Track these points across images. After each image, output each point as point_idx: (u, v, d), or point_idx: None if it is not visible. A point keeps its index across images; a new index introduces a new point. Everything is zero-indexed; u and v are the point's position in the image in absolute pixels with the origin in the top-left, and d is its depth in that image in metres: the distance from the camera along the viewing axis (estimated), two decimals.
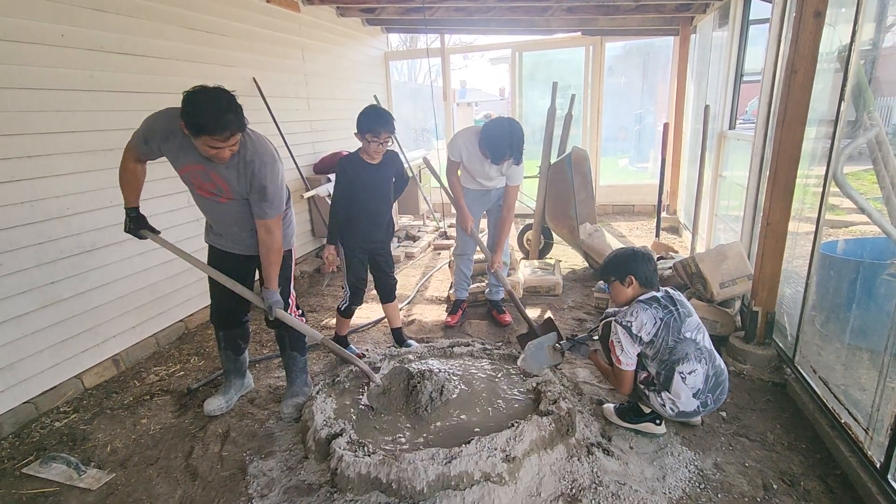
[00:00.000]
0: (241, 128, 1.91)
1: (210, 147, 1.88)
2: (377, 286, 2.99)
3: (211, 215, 2.27)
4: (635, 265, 2.19)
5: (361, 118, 2.58)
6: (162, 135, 2.02)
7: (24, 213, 2.49)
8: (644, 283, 2.19)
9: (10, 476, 2.16)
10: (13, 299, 2.46)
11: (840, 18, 2.45)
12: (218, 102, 1.83)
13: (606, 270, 2.28)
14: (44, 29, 2.55)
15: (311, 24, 5.02)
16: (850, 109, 2.22)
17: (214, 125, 1.81)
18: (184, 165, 2.06)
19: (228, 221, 2.23)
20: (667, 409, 2.13)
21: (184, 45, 3.44)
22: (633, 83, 7.51)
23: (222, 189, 2.10)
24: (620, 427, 2.27)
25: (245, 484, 2.04)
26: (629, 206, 6.96)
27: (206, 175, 2.06)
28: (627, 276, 2.19)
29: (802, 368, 2.41)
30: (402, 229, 5.85)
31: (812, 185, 2.65)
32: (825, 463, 2.01)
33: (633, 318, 2.10)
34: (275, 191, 2.10)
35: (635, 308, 2.12)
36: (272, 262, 2.21)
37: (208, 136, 1.83)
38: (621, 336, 2.12)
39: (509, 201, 3.15)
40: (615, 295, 2.27)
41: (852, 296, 2.54)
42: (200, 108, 1.81)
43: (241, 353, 2.61)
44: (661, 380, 2.13)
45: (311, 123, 5.01)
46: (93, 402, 2.73)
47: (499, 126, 2.81)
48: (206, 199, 2.17)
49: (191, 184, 2.14)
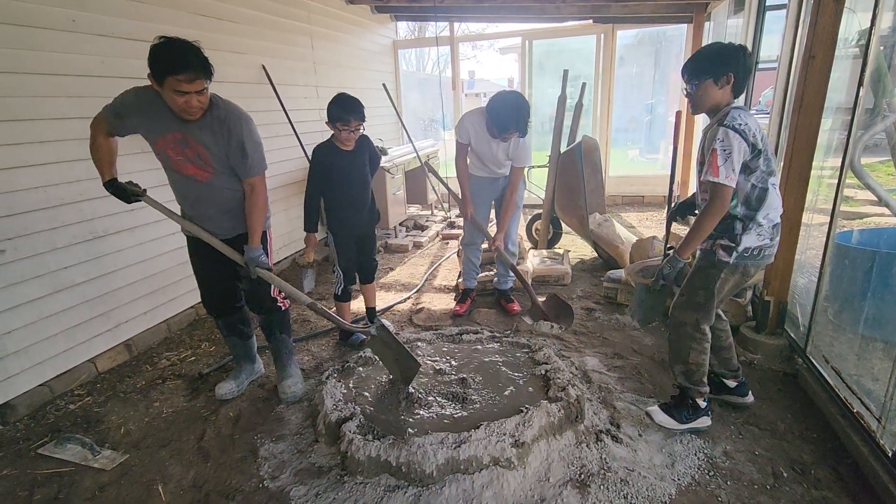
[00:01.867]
0: (207, 73, 1.93)
1: (177, 93, 1.89)
2: (359, 268, 3.05)
3: (188, 198, 2.23)
4: (737, 62, 1.84)
5: (331, 107, 2.60)
6: (136, 106, 2.02)
7: (38, 198, 2.51)
8: (739, 86, 1.87)
9: (25, 456, 2.20)
10: (28, 283, 2.49)
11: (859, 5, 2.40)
12: (180, 44, 1.87)
13: (699, 65, 1.90)
14: (55, 14, 2.55)
15: (320, 12, 4.99)
16: (868, 96, 2.18)
17: (178, 62, 1.84)
18: (161, 136, 2.05)
19: (207, 202, 2.21)
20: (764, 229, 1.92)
21: (194, 32, 3.43)
22: (645, 72, 7.40)
23: (201, 156, 2.09)
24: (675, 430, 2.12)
25: (256, 466, 2.07)
26: (639, 196, 6.90)
27: (185, 142, 2.06)
28: (726, 74, 1.85)
29: (814, 358, 2.39)
30: (410, 219, 5.84)
31: (826, 177, 2.61)
32: (836, 452, 2.00)
33: (743, 120, 1.79)
34: (253, 146, 2.12)
35: (737, 112, 1.83)
36: (255, 219, 2.21)
37: (173, 76, 1.85)
38: (733, 141, 1.77)
39: (514, 180, 3.14)
40: (699, 97, 1.92)
41: (867, 286, 2.51)
42: (163, 49, 1.86)
43: (248, 338, 2.62)
44: (755, 198, 1.90)
45: (320, 112, 4.96)
46: (106, 385, 2.77)
47: (503, 97, 2.81)
48: (184, 178, 2.14)
49: (168, 159, 2.11)
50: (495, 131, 2.86)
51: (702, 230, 1.90)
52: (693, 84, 1.92)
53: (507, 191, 3.18)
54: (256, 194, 2.20)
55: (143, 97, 2.01)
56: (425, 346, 2.79)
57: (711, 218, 1.87)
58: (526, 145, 3.02)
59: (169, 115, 2.01)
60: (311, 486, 1.90)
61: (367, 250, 3.02)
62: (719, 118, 1.86)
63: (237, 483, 1.99)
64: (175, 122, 2.02)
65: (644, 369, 2.66)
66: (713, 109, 1.93)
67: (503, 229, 3.21)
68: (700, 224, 1.90)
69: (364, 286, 3.17)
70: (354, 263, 2.99)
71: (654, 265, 3.31)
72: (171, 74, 1.85)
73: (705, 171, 1.84)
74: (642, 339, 3.00)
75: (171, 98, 1.91)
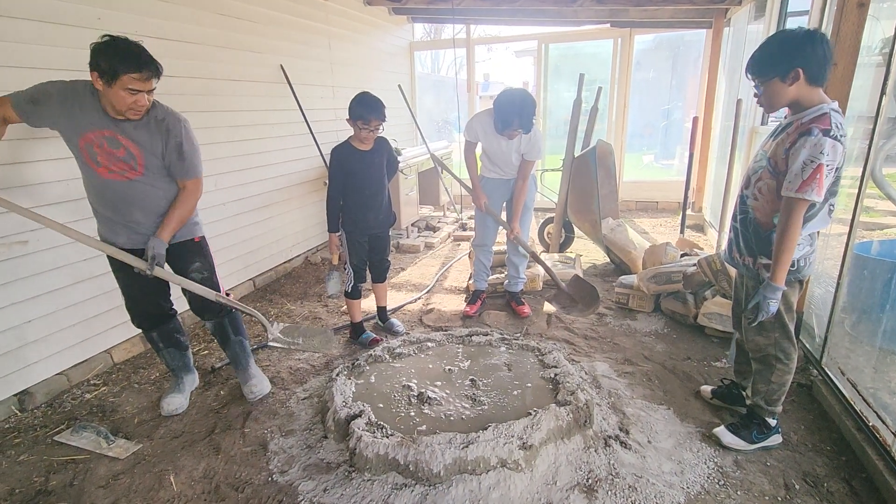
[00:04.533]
0: (158, 72, 1.93)
1: (129, 91, 1.87)
2: (371, 267, 3.08)
3: (109, 201, 2.09)
4: (803, 54, 1.62)
5: (353, 105, 2.64)
6: (59, 97, 1.94)
7: (60, 191, 2.56)
8: (814, 77, 1.64)
9: (42, 443, 2.25)
10: (48, 274, 2.55)
11: (884, 13, 2.36)
12: (133, 44, 1.87)
13: (762, 63, 1.71)
14: (81, 11, 2.61)
15: (338, 13, 5.04)
16: (891, 105, 2.14)
17: (136, 60, 1.84)
18: (87, 131, 1.96)
19: (131, 205, 2.09)
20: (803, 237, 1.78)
21: (215, 31, 3.49)
22: (662, 78, 7.36)
23: (133, 155, 2.03)
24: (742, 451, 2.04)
25: (266, 460, 2.09)
26: (653, 202, 6.85)
27: (115, 141, 1.99)
28: (794, 70, 1.64)
29: (830, 370, 2.36)
30: (422, 220, 5.86)
31: (846, 186, 2.57)
32: (850, 465, 1.97)
33: (843, 129, 1.59)
34: (190, 149, 2.11)
35: (839, 119, 1.61)
36: (176, 215, 2.14)
37: (129, 74, 1.83)
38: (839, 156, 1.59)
39: (524, 173, 3.14)
40: (769, 97, 1.73)
41: (886, 297, 2.47)
42: (118, 47, 1.84)
43: (185, 348, 2.55)
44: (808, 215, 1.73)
45: (336, 112, 5.04)
46: (121, 376, 2.82)
47: (509, 93, 2.85)
48: (106, 178, 2.03)
49: (91, 157, 1.99)
50: (499, 125, 2.88)
51: (790, 249, 1.72)
52: (758, 85, 1.75)
53: (518, 180, 3.19)
54: (187, 194, 2.16)
55: (69, 90, 1.95)
56: (435, 346, 2.80)
57: (796, 233, 1.70)
58: (535, 140, 3.03)
59: (97, 112, 1.96)
60: (319, 482, 1.92)
61: (379, 250, 3.04)
62: (817, 122, 1.63)
63: (247, 476, 2.01)
64: (104, 120, 1.97)
65: (655, 376, 2.64)
66: (795, 106, 1.73)
67: (517, 217, 3.22)
68: (788, 244, 1.71)
69: (376, 285, 3.20)
70: (365, 262, 3.02)
71: (666, 271, 3.29)
72: (127, 73, 1.83)
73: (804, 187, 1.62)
74: (654, 345, 2.98)
75: (119, 96, 1.87)
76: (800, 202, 1.65)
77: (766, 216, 1.84)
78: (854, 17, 2.24)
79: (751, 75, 1.78)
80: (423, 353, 2.73)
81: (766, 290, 1.79)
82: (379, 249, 3.04)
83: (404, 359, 2.66)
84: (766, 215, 1.84)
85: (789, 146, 1.69)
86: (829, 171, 1.62)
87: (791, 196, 1.67)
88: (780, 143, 1.74)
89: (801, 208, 1.66)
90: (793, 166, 1.66)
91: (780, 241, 1.73)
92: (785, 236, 1.71)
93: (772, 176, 1.78)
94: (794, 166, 1.66)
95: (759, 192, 1.84)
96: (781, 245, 1.73)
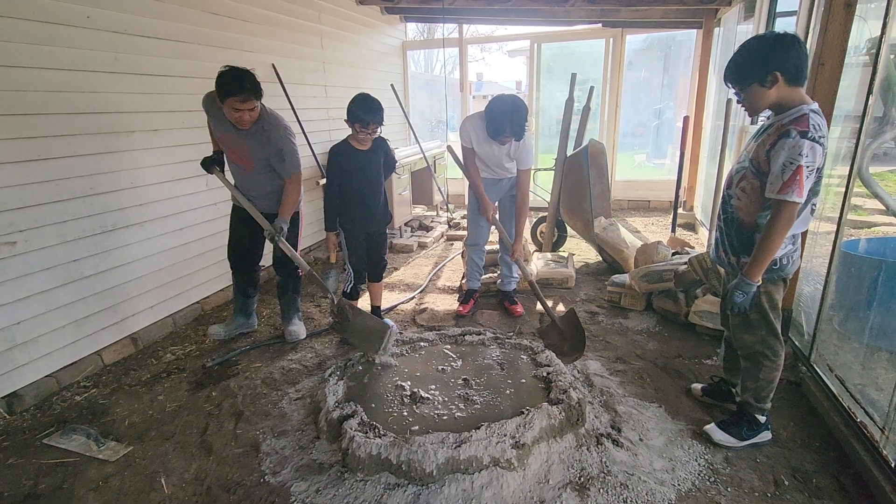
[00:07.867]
0: (258, 95, 2.49)
1: (233, 109, 2.46)
2: (368, 266, 3.08)
3: (238, 179, 2.85)
4: (777, 58, 1.66)
5: (352, 107, 2.65)
6: (207, 107, 2.71)
7: (49, 191, 2.54)
8: (793, 78, 1.67)
9: (31, 446, 2.23)
10: (37, 275, 2.52)
11: (870, 13, 2.39)
12: (238, 72, 2.45)
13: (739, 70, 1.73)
14: (70, 10, 2.59)
15: (330, 12, 5.03)
16: (878, 105, 2.17)
17: (235, 88, 2.42)
18: (222, 133, 2.68)
19: (248, 185, 2.82)
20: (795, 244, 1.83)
21: (206, 30, 3.47)
22: (653, 77, 7.39)
23: (246, 156, 2.69)
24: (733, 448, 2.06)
25: (258, 461, 2.08)
26: (645, 201, 6.89)
27: (235, 141, 2.66)
28: (771, 74, 1.67)
29: (818, 367, 2.38)
30: (415, 219, 5.86)
31: (834, 185, 2.60)
32: (838, 461, 1.99)
33: (823, 130, 1.61)
34: (289, 152, 2.68)
35: (818, 120, 1.64)
36: (287, 203, 2.73)
37: (230, 97, 2.42)
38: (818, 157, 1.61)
39: (523, 188, 3.13)
40: (750, 102, 1.76)
41: (873, 295, 2.50)
42: (226, 77, 2.43)
43: (249, 297, 3.16)
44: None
45: (329, 111, 5.03)
46: (111, 377, 2.80)
47: (501, 100, 2.83)
48: (236, 165, 2.78)
49: (226, 149, 2.74)
50: (491, 132, 2.88)
51: (771, 250, 1.74)
52: (737, 92, 1.78)
53: (518, 196, 3.17)
54: (291, 186, 2.74)
55: (209, 102, 2.65)
56: (428, 346, 2.80)
57: (781, 235, 1.71)
58: (526, 146, 3.02)
59: (226, 120, 2.59)
60: (311, 482, 1.92)
61: (377, 248, 3.06)
62: (796, 123, 1.65)
63: (238, 477, 2.00)
64: (227, 125, 2.62)
65: (647, 374, 2.65)
66: (776, 107, 1.75)
67: (520, 238, 3.19)
68: (770, 244, 1.73)
69: (371, 284, 3.20)
70: (364, 261, 3.03)
71: (658, 270, 3.31)
72: (230, 97, 2.42)
73: (785, 189, 1.64)
74: (645, 343, 3.00)
75: (229, 112, 2.49)
76: (784, 203, 1.67)
77: (749, 216, 1.86)
78: (841, 18, 2.27)
79: (729, 84, 1.81)
80: (416, 352, 2.73)
81: (737, 284, 1.84)
82: (376, 247, 3.05)
83: (397, 358, 2.66)
84: (750, 215, 1.86)
85: (769, 147, 1.71)
86: (810, 172, 1.64)
87: (773, 198, 1.70)
88: (762, 145, 1.76)
89: (788, 209, 1.68)
90: (773, 168, 1.68)
91: (763, 239, 1.75)
92: (769, 236, 1.73)
93: (755, 176, 1.79)
94: (774, 168, 1.68)
95: (742, 192, 1.86)
96: (763, 243, 1.75)
